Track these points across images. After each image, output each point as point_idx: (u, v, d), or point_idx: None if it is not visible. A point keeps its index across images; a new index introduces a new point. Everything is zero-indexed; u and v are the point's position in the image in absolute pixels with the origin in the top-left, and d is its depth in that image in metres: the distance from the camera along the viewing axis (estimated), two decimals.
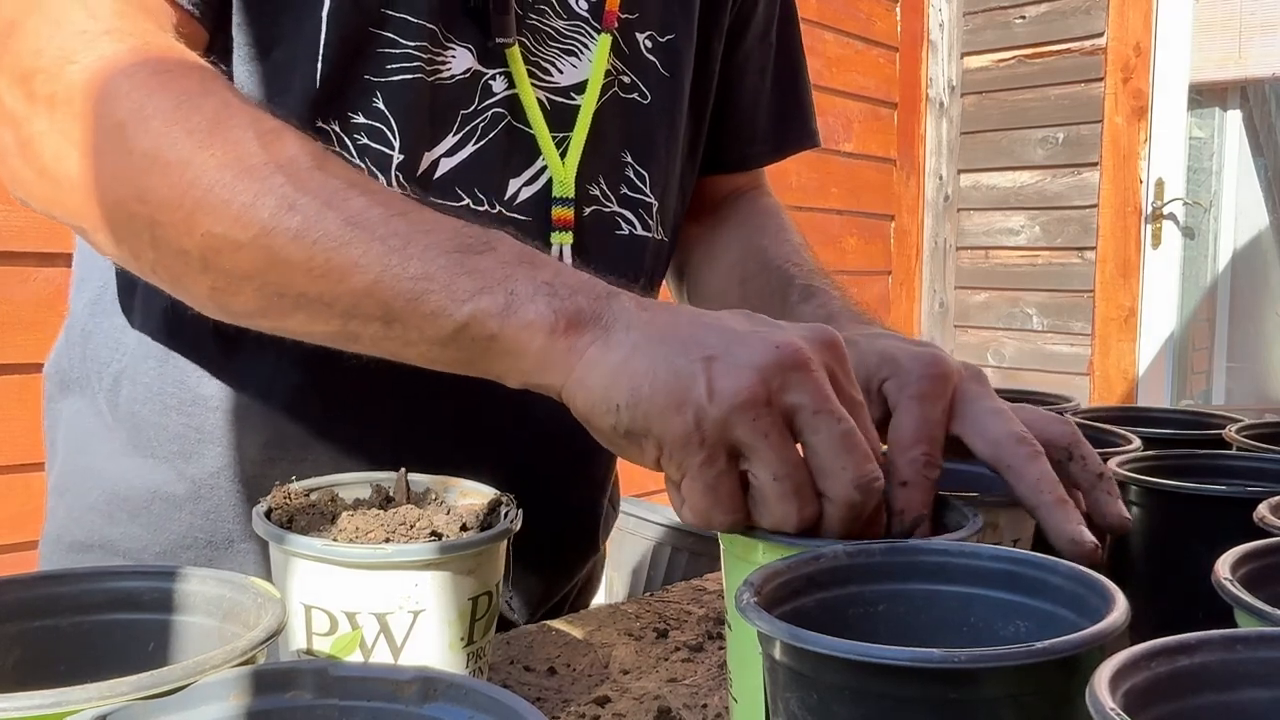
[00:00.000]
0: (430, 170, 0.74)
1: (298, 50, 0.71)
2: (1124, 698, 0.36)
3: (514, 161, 0.77)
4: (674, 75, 0.85)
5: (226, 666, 0.39)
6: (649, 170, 0.84)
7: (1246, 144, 4.78)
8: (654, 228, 0.85)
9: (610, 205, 0.82)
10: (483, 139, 0.76)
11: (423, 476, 0.66)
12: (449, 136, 0.75)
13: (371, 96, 0.72)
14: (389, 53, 0.72)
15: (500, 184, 0.77)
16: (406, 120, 0.73)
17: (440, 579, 0.55)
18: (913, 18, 3.73)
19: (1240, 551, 0.52)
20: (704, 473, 0.51)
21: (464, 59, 0.75)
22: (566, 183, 0.78)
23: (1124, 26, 3.45)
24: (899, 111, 3.77)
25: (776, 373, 0.50)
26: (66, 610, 0.48)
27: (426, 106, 0.74)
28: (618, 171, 0.82)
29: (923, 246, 3.79)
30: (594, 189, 0.81)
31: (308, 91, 0.71)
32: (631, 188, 0.83)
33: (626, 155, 0.83)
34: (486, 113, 0.76)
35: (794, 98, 1.02)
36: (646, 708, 0.65)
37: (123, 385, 0.79)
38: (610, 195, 0.82)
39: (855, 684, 0.44)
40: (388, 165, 0.73)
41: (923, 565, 0.55)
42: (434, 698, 0.37)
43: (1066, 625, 0.48)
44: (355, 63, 0.71)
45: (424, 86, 0.73)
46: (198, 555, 0.78)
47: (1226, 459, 0.83)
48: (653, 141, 0.84)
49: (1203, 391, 4.67)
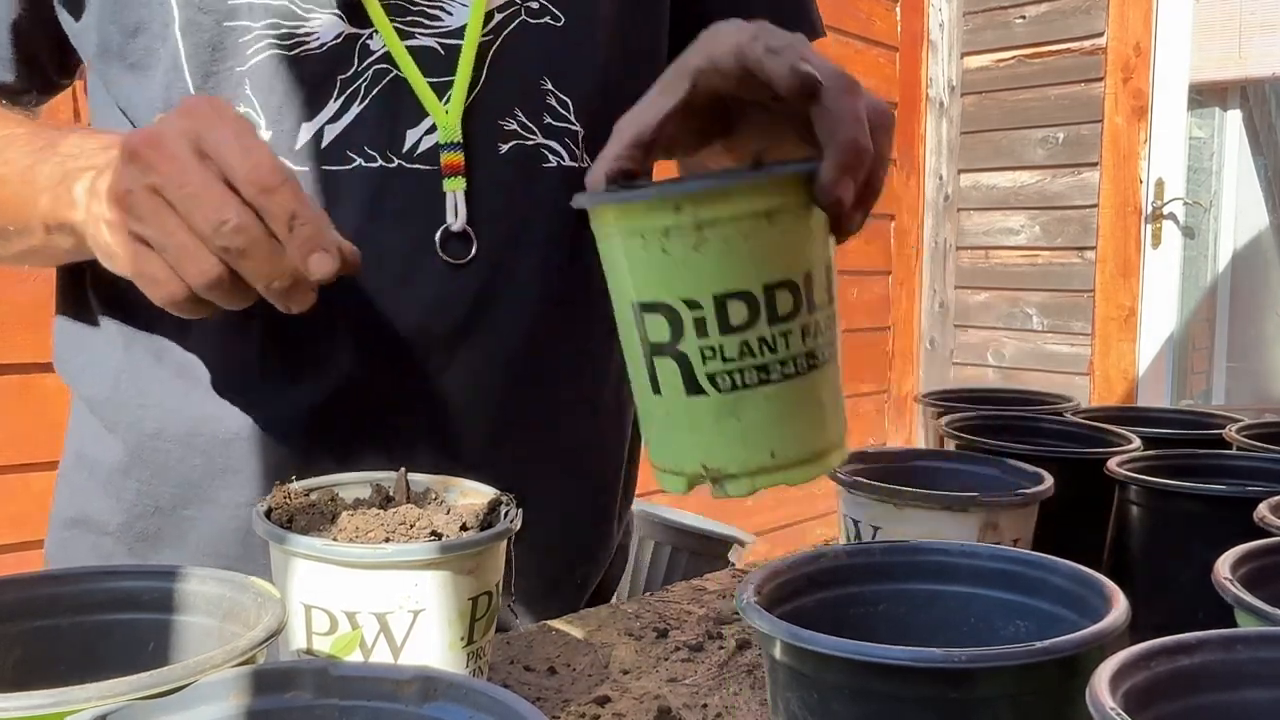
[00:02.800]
0: (315, 140, 0.75)
1: (165, 70, 0.75)
2: (1124, 698, 0.36)
3: (406, 113, 0.76)
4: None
5: (226, 666, 0.39)
6: (571, 96, 0.81)
7: (1246, 144, 4.78)
8: (580, 156, 0.81)
9: (534, 138, 0.79)
10: (366, 98, 0.75)
11: (423, 476, 0.66)
12: (329, 104, 0.75)
13: (243, 85, 0.74)
14: (246, 40, 0.74)
15: (395, 138, 0.76)
16: (267, 98, 0.74)
17: (440, 579, 0.55)
18: (913, 18, 3.73)
19: (1240, 551, 0.52)
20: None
21: (332, 25, 0.75)
22: (450, 127, 0.76)
23: (1124, 26, 3.45)
24: (899, 111, 3.77)
25: (125, 164, 0.60)
26: (66, 610, 0.48)
27: (292, 81, 0.74)
28: (537, 101, 0.79)
29: (923, 246, 3.79)
30: (511, 123, 0.78)
31: None
32: (555, 116, 0.80)
33: (546, 83, 0.80)
34: (367, 72, 0.75)
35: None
36: (646, 708, 0.65)
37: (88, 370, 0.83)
38: (532, 127, 0.79)
39: (855, 683, 0.44)
40: None
41: (923, 565, 0.55)
42: (434, 698, 0.37)
43: (1066, 625, 0.48)
44: (220, 62, 0.74)
45: (282, 62, 0.74)
46: (148, 524, 0.80)
47: (1226, 459, 0.84)
48: (572, 66, 0.81)
49: (1203, 391, 4.66)
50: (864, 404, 3.75)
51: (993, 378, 3.77)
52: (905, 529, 0.69)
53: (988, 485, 0.76)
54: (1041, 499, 0.72)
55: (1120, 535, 0.77)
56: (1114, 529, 0.78)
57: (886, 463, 0.79)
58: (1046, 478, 0.73)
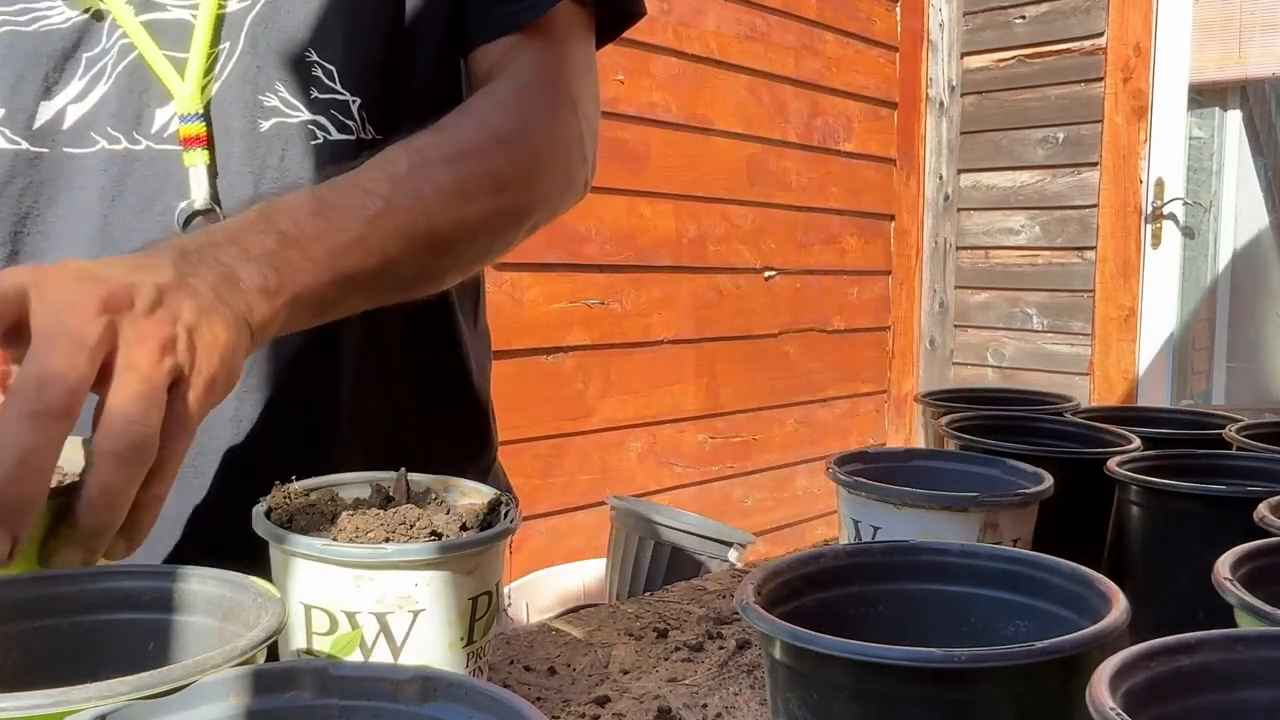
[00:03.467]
0: (56, 120, 0.72)
1: None
2: (1124, 698, 0.36)
3: (153, 92, 0.72)
4: None
5: (226, 666, 0.39)
6: (335, 64, 0.75)
7: (1246, 144, 4.78)
8: (357, 127, 0.76)
9: (299, 114, 0.74)
10: (111, 77, 0.72)
11: (423, 476, 0.66)
12: (73, 82, 0.72)
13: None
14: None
15: (143, 118, 0.72)
16: (1, 75, 0.71)
17: (440, 579, 0.55)
18: (913, 18, 3.73)
19: (1240, 551, 0.52)
20: None
21: (79, 0, 0.71)
22: (189, 99, 0.71)
23: (1124, 26, 3.45)
24: (899, 111, 3.77)
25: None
26: (66, 610, 0.48)
27: (28, 57, 0.71)
28: (302, 74, 0.74)
29: (923, 246, 3.79)
30: (272, 99, 0.74)
31: None
32: (321, 88, 0.75)
33: (311, 53, 0.75)
34: (113, 49, 0.72)
35: None
36: (646, 708, 0.65)
37: None
38: (296, 103, 0.74)
39: (855, 684, 0.44)
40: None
41: (923, 565, 0.55)
42: (434, 698, 0.37)
43: (1066, 625, 0.48)
44: None
45: (19, 37, 0.71)
46: None
47: (1226, 459, 0.83)
48: (335, 31, 0.75)
49: (1203, 391, 4.66)
50: (864, 404, 3.75)
51: (993, 378, 3.76)
52: (905, 529, 0.69)
53: (988, 485, 0.76)
54: (1041, 499, 0.72)
55: (1120, 535, 0.77)
56: (1114, 529, 0.78)
57: (886, 463, 0.79)
58: (1046, 478, 0.73)
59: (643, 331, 2.91)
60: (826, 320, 3.55)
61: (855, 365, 3.69)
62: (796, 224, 3.39)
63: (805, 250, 3.43)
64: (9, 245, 0.72)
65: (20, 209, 0.72)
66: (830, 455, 0.78)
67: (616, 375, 2.85)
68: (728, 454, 3.21)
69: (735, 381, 3.20)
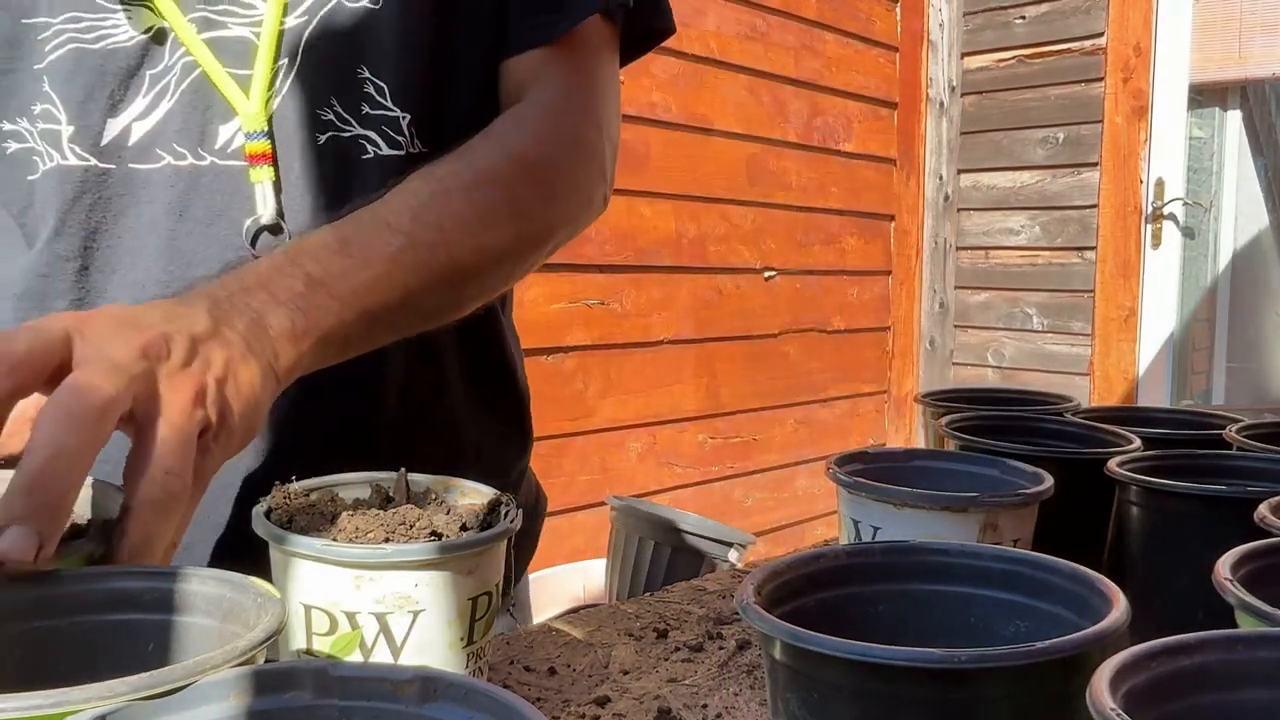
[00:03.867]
0: (122, 137, 0.73)
1: None
2: (1124, 698, 0.36)
3: (217, 109, 0.73)
4: None
5: (226, 666, 0.39)
6: (387, 82, 0.77)
7: (1246, 144, 4.78)
8: (406, 143, 0.78)
9: (351, 129, 0.76)
10: (175, 94, 0.73)
11: (423, 476, 0.66)
12: (138, 99, 0.73)
13: (40, 83, 0.72)
14: (45, 37, 0.72)
15: (206, 135, 0.73)
16: (68, 92, 0.72)
17: (440, 579, 0.55)
18: (913, 18, 3.73)
19: (1240, 551, 0.52)
20: None
21: (142, 17, 0.72)
22: (254, 116, 0.73)
23: (1124, 26, 3.45)
24: (899, 111, 3.77)
25: None
26: (66, 610, 0.48)
27: (95, 74, 0.72)
28: (354, 90, 0.76)
29: (923, 246, 3.79)
30: (327, 113, 0.75)
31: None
32: (373, 104, 0.77)
33: (363, 70, 0.76)
34: (176, 66, 0.73)
35: None
36: (646, 708, 0.65)
37: None
38: (349, 118, 0.76)
39: (855, 684, 0.44)
40: (59, 140, 0.72)
41: (923, 565, 0.55)
42: (434, 698, 0.37)
43: (1066, 625, 0.48)
44: (18, 60, 0.72)
45: (86, 55, 0.72)
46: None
47: (1226, 459, 0.83)
48: (388, 50, 0.76)
49: (1203, 391, 4.66)
50: (864, 404, 3.75)
51: (993, 378, 3.77)
52: (905, 529, 0.69)
53: (988, 485, 0.76)
54: (1041, 499, 0.72)
55: (1120, 535, 0.77)
56: (1114, 529, 0.78)
57: (886, 463, 0.79)
58: (1046, 478, 0.73)
59: (643, 331, 2.91)
60: (826, 320, 3.55)
61: (855, 365, 3.69)
62: (796, 224, 3.39)
63: (805, 250, 3.43)
64: (79, 259, 0.73)
65: (90, 224, 0.73)
66: (830, 455, 0.78)
67: (616, 375, 2.85)
68: (728, 454, 3.21)
69: (735, 381, 3.20)
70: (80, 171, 0.73)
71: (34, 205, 0.74)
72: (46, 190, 0.73)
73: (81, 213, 0.73)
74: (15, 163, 0.73)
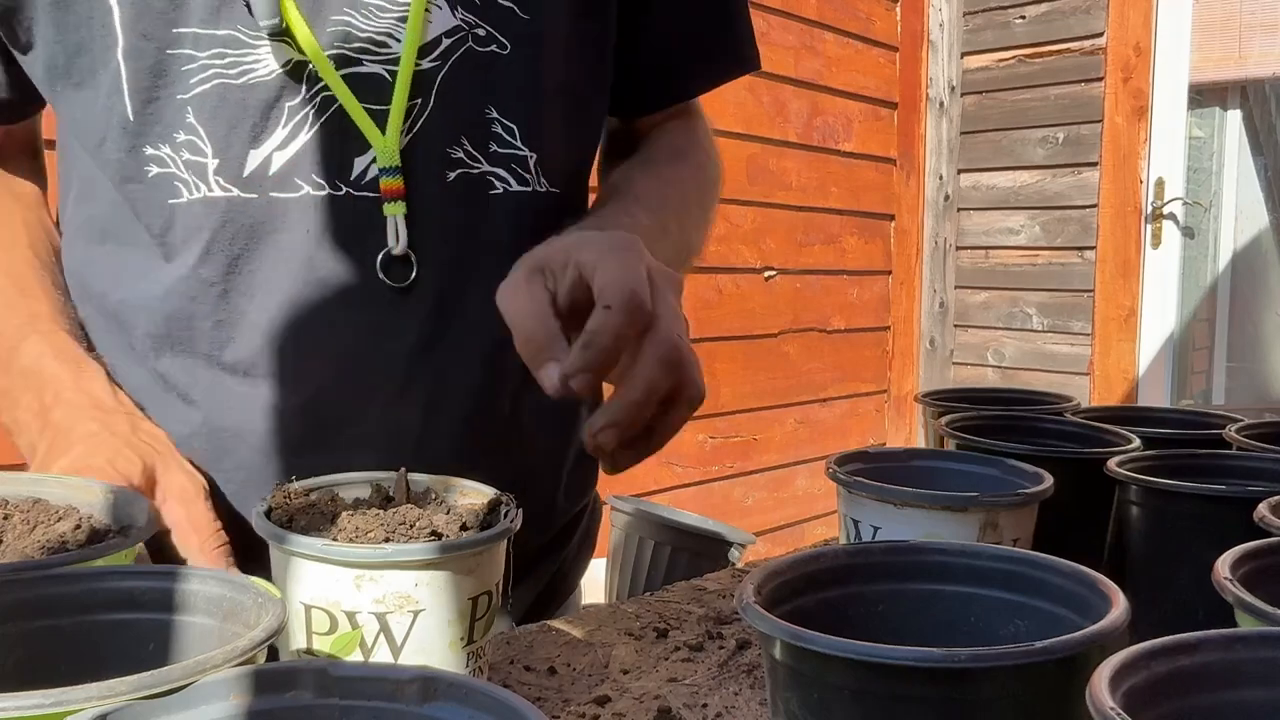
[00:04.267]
0: (263, 167, 0.75)
1: (106, 92, 0.75)
2: (1124, 698, 0.36)
3: (353, 141, 0.76)
4: (534, 17, 0.81)
5: (226, 666, 0.39)
6: (517, 123, 0.81)
7: (1246, 144, 4.78)
8: (533, 181, 0.82)
9: (480, 165, 0.80)
10: (314, 125, 0.76)
11: (423, 476, 0.66)
12: (277, 130, 0.75)
13: (185, 113, 0.75)
14: (189, 69, 0.74)
15: (342, 166, 0.76)
16: (213, 126, 0.75)
17: (440, 579, 0.55)
18: (913, 18, 3.73)
19: (1240, 551, 0.52)
20: None
21: (280, 52, 0.75)
22: (390, 152, 0.76)
23: (1124, 26, 3.45)
24: (899, 111, 3.77)
25: None
26: (66, 610, 0.48)
27: (239, 109, 0.75)
28: (483, 129, 0.80)
29: (923, 246, 3.79)
30: (457, 151, 0.79)
31: (125, 126, 0.75)
32: (501, 143, 0.81)
33: (491, 111, 0.80)
34: (315, 99, 0.76)
35: (722, 17, 0.95)
36: (646, 708, 0.65)
37: None
38: (478, 155, 0.80)
39: (855, 684, 0.44)
40: (205, 172, 0.76)
41: (923, 565, 0.55)
42: (434, 698, 0.37)
43: (1066, 625, 0.48)
44: (162, 89, 0.75)
45: (230, 89, 0.75)
46: None
47: (1226, 459, 0.83)
48: (517, 92, 0.81)
49: (1203, 391, 4.66)
50: (864, 404, 3.75)
51: (993, 378, 3.77)
52: (905, 529, 0.69)
53: (988, 485, 0.76)
54: (1041, 499, 0.72)
55: (1120, 535, 0.77)
56: (1114, 529, 0.78)
57: (886, 463, 0.79)
58: (1046, 478, 0.73)
59: None
60: (826, 320, 3.55)
61: (855, 365, 3.69)
62: (796, 224, 3.39)
63: (805, 250, 3.43)
64: (222, 284, 0.77)
65: (233, 251, 0.76)
66: (830, 455, 0.78)
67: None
68: (728, 454, 3.21)
69: (735, 381, 3.20)
70: (224, 202, 0.76)
71: (175, 228, 0.77)
72: (191, 218, 0.76)
73: (225, 240, 0.76)
74: (156, 186, 0.76)
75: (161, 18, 0.73)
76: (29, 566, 0.51)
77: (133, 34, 0.74)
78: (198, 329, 0.77)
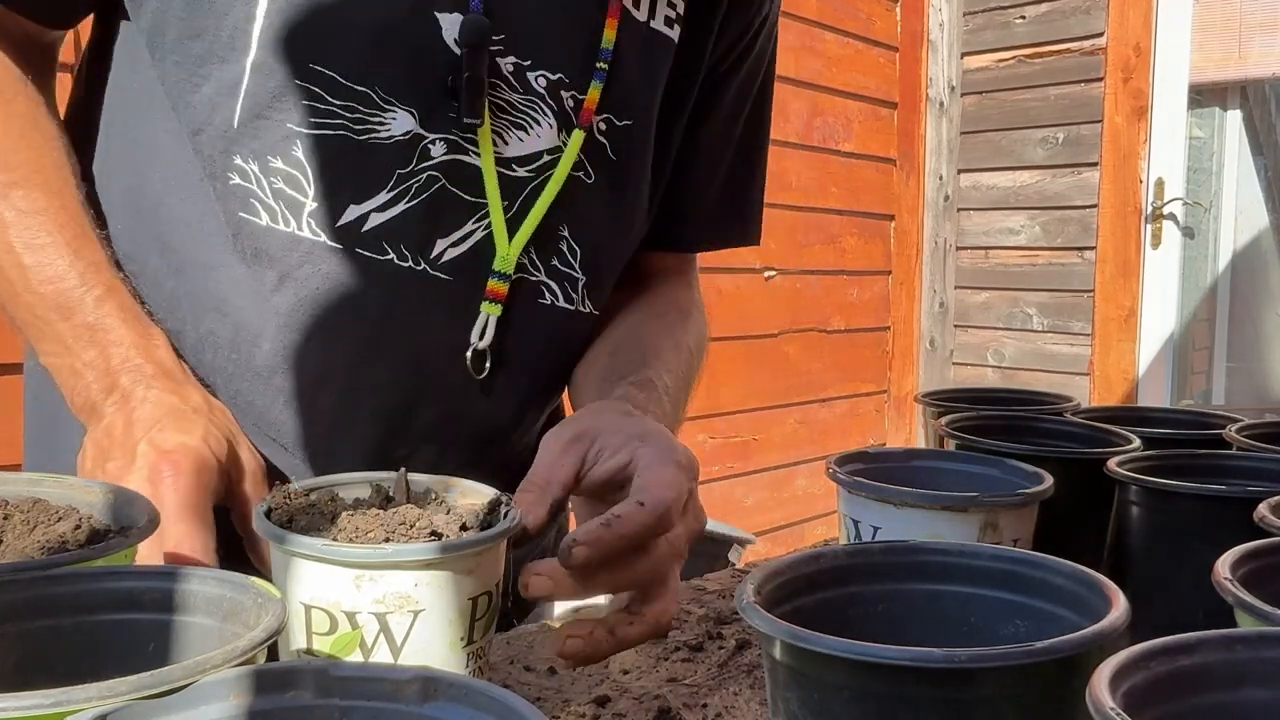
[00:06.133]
0: (359, 223, 0.77)
1: (221, 90, 0.75)
2: (1124, 698, 0.36)
3: (443, 223, 0.78)
4: (621, 160, 0.86)
5: (226, 666, 0.39)
6: (581, 247, 0.85)
7: (1246, 144, 4.78)
8: (579, 301, 0.87)
9: (537, 275, 0.83)
10: (415, 199, 0.77)
11: (423, 476, 0.66)
12: (382, 193, 0.77)
13: (292, 144, 0.75)
14: (314, 106, 0.75)
15: (427, 243, 0.78)
16: (323, 172, 0.76)
17: (440, 579, 0.55)
18: (913, 18, 3.73)
19: (1240, 551, 0.52)
20: None
21: (405, 121, 0.76)
22: (509, 258, 0.80)
23: (1124, 26, 3.45)
24: (899, 111, 3.77)
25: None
26: (67, 610, 0.48)
27: (353, 162, 0.76)
28: (551, 244, 0.83)
29: (923, 246, 3.79)
30: (524, 257, 0.82)
31: (226, 130, 0.75)
32: (562, 261, 0.85)
33: (564, 230, 0.84)
34: (422, 174, 0.77)
35: (742, 196, 1.03)
36: (646, 708, 0.65)
37: None
38: (539, 265, 0.83)
39: (855, 684, 0.44)
40: (300, 211, 0.76)
41: (923, 565, 0.55)
42: (434, 698, 0.37)
43: (1066, 625, 0.48)
44: (276, 112, 0.75)
45: (350, 144, 0.75)
46: None
47: (1226, 459, 0.84)
48: (591, 221, 0.85)
49: (1203, 391, 4.66)
50: (864, 404, 3.75)
51: (993, 378, 3.77)
52: (905, 529, 0.69)
53: (988, 485, 0.76)
54: (1041, 499, 0.72)
55: (1120, 535, 0.77)
56: (1114, 529, 0.78)
57: (886, 463, 0.79)
58: (1046, 478, 0.73)
59: None
60: (826, 320, 3.55)
61: (855, 365, 3.69)
62: (796, 224, 3.39)
63: (805, 250, 3.43)
64: (285, 317, 0.78)
65: (306, 287, 0.77)
66: (830, 455, 0.78)
67: None
68: (728, 454, 3.21)
69: (735, 382, 3.20)
70: (309, 243, 0.77)
71: (243, 237, 0.77)
72: (275, 246, 0.77)
73: (301, 276, 0.77)
74: (233, 194, 0.77)
75: (304, 50, 0.74)
76: (29, 566, 0.51)
77: (269, 52, 0.74)
78: (259, 351, 0.78)
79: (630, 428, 0.69)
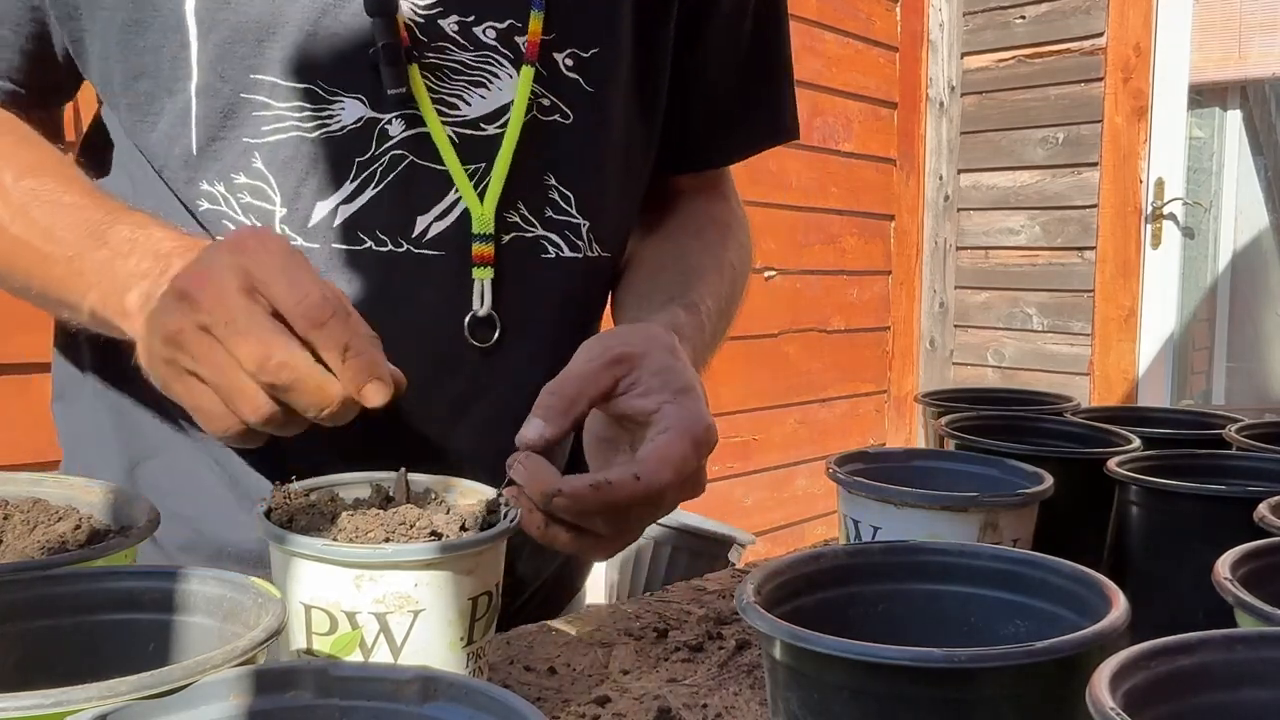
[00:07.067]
0: (329, 218, 0.76)
1: (171, 122, 0.76)
2: (1124, 698, 0.36)
3: (421, 200, 0.77)
4: (599, 90, 0.83)
5: (226, 666, 0.39)
6: (574, 192, 0.83)
7: (1246, 144, 4.78)
8: (585, 247, 0.84)
9: (533, 230, 0.81)
10: (382, 182, 0.76)
11: (423, 476, 0.66)
12: (345, 184, 0.76)
13: (250, 158, 0.75)
14: (263, 115, 0.75)
15: (406, 223, 0.77)
16: (284, 176, 0.76)
17: (440, 579, 0.55)
18: (913, 18, 3.73)
19: (1240, 551, 0.52)
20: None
21: (354, 109, 0.76)
22: (485, 219, 0.78)
23: (1124, 26, 3.45)
24: (899, 111, 3.77)
25: (175, 301, 0.61)
26: (66, 610, 0.48)
27: (310, 161, 0.75)
28: (540, 195, 0.81)
29: (923, 246, 3.79)
30: (513, 216, 0.80)
31: (186, 159, 0.76)
32: (557, 210, 0.82)
33: (550, 178, 0.82)
34: (384, 156, 0.76)
35: (766, 91, 0.98)
36: (646, 708, 0.65)
37: None
38: (533, 220, 0.81)
39: (856, 684, 0.44)
40: (271, 220, 0.76)
41: (923, 565, 0.55)
42: (434, 698, 0.37)
43: (1066, 625, 0.48)
44: (230, 130, 0.75)
45: (305, 143, 0.75)
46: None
47: (1226, 459, 0.84)
48: (578, 162, 0.83)
49: (1203, 391, 4.66)
50: (864, 404, 3.75)
51: (993, 378, 3.76)
52: (905, 529, 0.69)
53: (988, 485, 0.76)
54: (1041, 499, 0.72)
55: (1120, 535, 0.77)
56: (1114, 529, 0.78)
57: (886, 463, 0.79)
58: (1046, 478, 0.73)
59: None
60: (826, 320, 3.55)
61: (855, 365, 3.69)
62: (796, 224, 3.39)
63: (805, 250, 3.43)
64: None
65: None
66: (830, 455, 0.78)
67: None
68: (728, 454, 3.21)
69: (735, 381, 3.20)
70: None
71: None
72: None
73: None
74: (206, 220, 0.77)
75: (242, 63, 0.74)
76: (29, 566, 0.51)
77: (210, 73, 0.74)
78: None
79: (671, 380, 0.67)
